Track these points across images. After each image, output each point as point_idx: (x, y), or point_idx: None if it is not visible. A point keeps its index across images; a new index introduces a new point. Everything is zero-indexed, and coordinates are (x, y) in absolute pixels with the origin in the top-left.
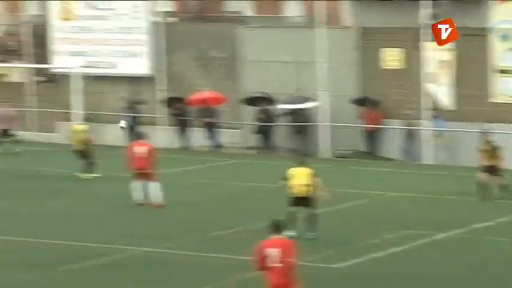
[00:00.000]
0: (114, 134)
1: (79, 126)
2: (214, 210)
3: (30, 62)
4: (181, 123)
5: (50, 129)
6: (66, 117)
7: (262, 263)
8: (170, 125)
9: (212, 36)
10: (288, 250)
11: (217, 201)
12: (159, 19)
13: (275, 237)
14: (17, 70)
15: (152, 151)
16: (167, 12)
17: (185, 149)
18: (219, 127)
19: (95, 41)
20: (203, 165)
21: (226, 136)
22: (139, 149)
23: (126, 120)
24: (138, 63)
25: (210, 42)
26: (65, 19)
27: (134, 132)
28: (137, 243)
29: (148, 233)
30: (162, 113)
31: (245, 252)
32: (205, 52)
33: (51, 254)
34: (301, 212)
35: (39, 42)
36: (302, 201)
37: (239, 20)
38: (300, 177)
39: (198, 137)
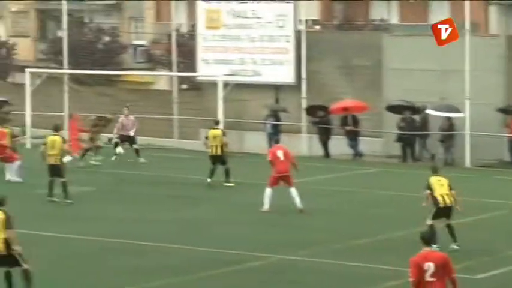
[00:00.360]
0: (255, 141)
1: (215, 131)
2: (353, 218)
3: (176, 70)
4: (323, 131)
5: (194, 137)
6: (210, 125)
7: (419, 277)
8: (312, 133)
9: (356, 44)
10: (446, 264)
11: (357, 209)
12: (303, 27)
13: (428, 250)
14: (163, 78)
15: (291, 156)
16: (311, 20)
17: (326, 157)
18: (361, 135)
19: (239, 49)
20: (344, 173)
21: (367, 144)
22: (280, 153)
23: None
24: (282, 71)
25: (354, 51)
26: (211, 28)
27: (275, 139)
28: (274, 251)
29: (285, 240)
30: (304, 121)
31: (383, 262)
32: (348, 60)
33: (189, 260)
34: (442, 222)
35: (185, 51)
36: (445, 211)
37: (384, 28)
38: (442, 187)
39: (339, 145)
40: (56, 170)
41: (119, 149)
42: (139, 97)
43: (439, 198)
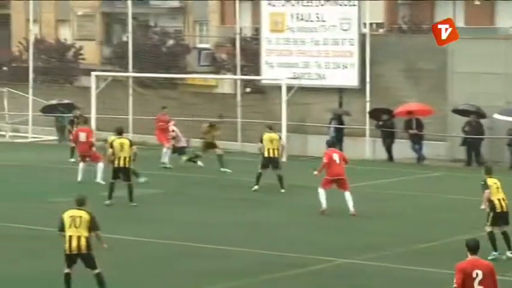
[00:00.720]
0: (318, 145)
1: (272, 135)
2: (416, 222)
3: (239, 74)
4: (387, 134)
5: (257, 140)
6: (274, 128)
7: (464, 283)
8: (376, 137)
9: (421, 47)
10: (492, 273)
11: (420, 213)
12: (367, 31)
13: (475, 257)
14: (226, 81)
15: (345, 159)
16: (376, 23)
17: (390, 161)
18: (425, 139)
19: (303, 52)
20: (407, 177)
21: (431, 148)
22: (336, 156)
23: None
24: (346, 74)
25: (419, 54)
26: (276, 31)
27: (338, 143)
28: (336, 254)
29: (348, 243)
30: (368, 124)
31: (445, 266)
32: (413, 63)
33: (251, 263)
34: (500, 229)
35: (249, 54)
36: (503, 217)
37: None
38: (498, 191)
39: (403, 149)
40: (123, 173)
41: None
42: (203, 100)
43: (496, 203)
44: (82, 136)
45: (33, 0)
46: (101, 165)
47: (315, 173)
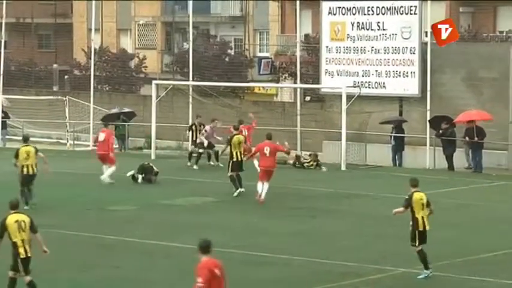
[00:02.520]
0: (378, 153)
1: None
2: (477, 232)
3: (299, 82)
4: (447, 143)
5: (317, 149)
6: (333, 137)
7: None
8: (436, 146)
9: (483, 56)
10: None
11: (481, 223)
12: (428, 39)
13: None
14: (286, 90)
15: (277, 150)
16: None
17: (450, 170)
18: (486, 148)
19: (363, 61)
20: (467, 186)
21: (493, 157)
22: (267, 148)
23: None
24: (407, 83)
25: (480, 62)
26: (336, 39)
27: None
28: (397, 264)
29: (408, 253)
30: (428, 133)
31: (506, 276)
32: (474, 72)
33: (311, 272)
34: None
35: (309, 62)
36: (423, 235)
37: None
38: (424, 208)
39: (463, 158)
40: (30, 180)
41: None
42: (263, 109)
43: (420, 222)
44: None
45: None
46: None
47: None
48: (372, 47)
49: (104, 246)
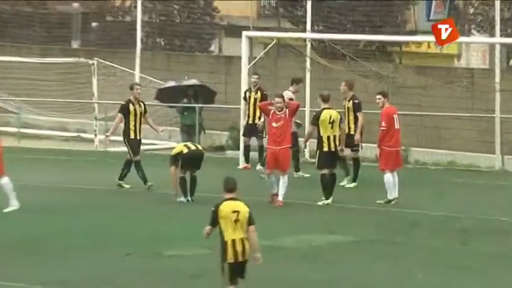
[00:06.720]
0: None
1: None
2: None
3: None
4: None
5: None
6: None
7: None
8: None
9: None
10: None
11: None
12: None
13: None
14: (476, 48)
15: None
16: None
17: None
18: None
19: None
20: None
21: None
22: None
23: None
24: None
25: None
26: None
27: None
28: None
29: None
30: None
31: None
32: None
33: None
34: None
35: None
36: (330, 158)
37: None
38: (334, 127)
39: None
40: None
41: None
42: (437, 80)
43: (325, 141)
44: None
45: None
46: None
47: None
48: None
49: None
